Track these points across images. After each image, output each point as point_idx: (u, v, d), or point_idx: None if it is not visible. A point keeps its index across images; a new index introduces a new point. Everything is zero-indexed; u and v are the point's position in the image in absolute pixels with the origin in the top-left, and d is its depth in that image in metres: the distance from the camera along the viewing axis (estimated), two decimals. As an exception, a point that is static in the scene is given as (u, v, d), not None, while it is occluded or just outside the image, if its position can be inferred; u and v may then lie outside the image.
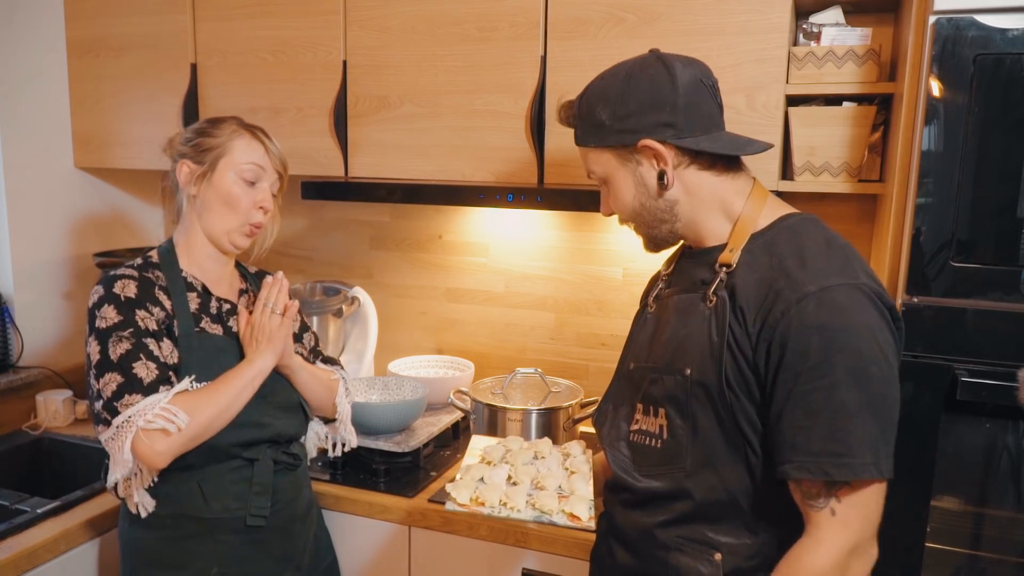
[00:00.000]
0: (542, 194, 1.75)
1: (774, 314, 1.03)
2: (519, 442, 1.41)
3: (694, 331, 1.13)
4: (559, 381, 2.02)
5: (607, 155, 1.16)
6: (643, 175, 1.15)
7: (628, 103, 1.12)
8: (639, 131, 1.12)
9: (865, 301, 1.01)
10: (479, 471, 1.30)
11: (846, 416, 0.99)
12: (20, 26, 2.15)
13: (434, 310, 2.35)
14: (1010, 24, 1.24)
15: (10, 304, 2.18)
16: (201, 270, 1.49)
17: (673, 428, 1.15)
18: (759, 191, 1.17)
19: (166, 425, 1.28)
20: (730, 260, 1.12)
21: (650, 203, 1.16)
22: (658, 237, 1.20)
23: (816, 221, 1.13)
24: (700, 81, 1.12)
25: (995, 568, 1.39)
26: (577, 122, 1.19)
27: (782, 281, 1.05)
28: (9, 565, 1.48)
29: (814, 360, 1.00)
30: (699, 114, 1.12)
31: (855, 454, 0.98)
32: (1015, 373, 1.29)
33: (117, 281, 1.39)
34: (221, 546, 1.43)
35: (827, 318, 1.00)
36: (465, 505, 1.23)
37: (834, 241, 1.08)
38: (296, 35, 1.97)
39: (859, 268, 1.05)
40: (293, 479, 1.53)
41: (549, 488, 1.26)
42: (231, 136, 1.44)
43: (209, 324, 1.45)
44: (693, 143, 1.11)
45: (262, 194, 1.45)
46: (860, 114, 1.61)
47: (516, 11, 1.77)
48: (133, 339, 1.33)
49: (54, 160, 2.26)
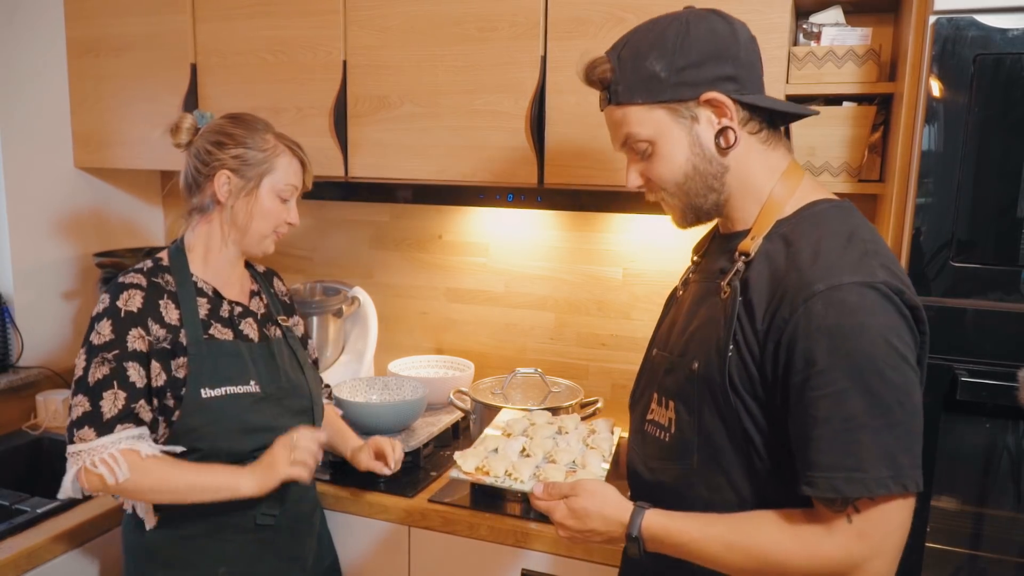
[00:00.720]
0: (542, 194, 1.75)
1: (781, 313, 0.97)
2: (545, 416, 1.39)
3: (707, 323, 1.08)
4: (559, 381, 2.02)
5: (659, 112, 1.05)
6: (699, 133, 1.05)
7: (689, 53, 1.02)
8: (701, 84, 1.03)
9: (880, 300, 0.93)
10: (494, 442, 1.27)
11: (857, 426, 0.92)
12: (20, 26, 2.15)
13: (434, 310, 2.35)
14: (1010, 24, 1.24)
15: (10, 304, 2.18)
16: (213, 274, 1.48)
17: (680, 423, 1.09)
18: (793, 170, 1.09)
19: (105, 473, 1.29)
20: (749, 249, 1.04)
21: (704, 167, 1.06)
22: (701, 208, 1.10)
23: (846, 209, 1.05)
24: (753, 39, 1.07)
25: (995, 568, 1.39)
26: (618, 76, 1.06)
27: (792, 277, 0.97)
28: (9, 565, 1.48)
29: (821, 365, 0.93)
30: (755, 72, 1.06)
31: (867, 468, 0.91)
32: (1015, 373, 1.29)
33: (123, 292, 1.37)
34: (228, 546, 1.43)
35: (835, 319, 0.93)
36: (470, 473, 1.20)
37: (857, 233, 1.00)
38: (296, 35, 1.97)
39: (879, 264, 0.96)
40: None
41: (560, 462, 1.22)
42: (274, 152, 1.43)
43: (219, 330, 1.45)
44: (755, 99, 1.04)
45: (293, 211, 1.48)
46: (860, 114, 1.61)
47: (516, 11, 1.77)
48: (114, 363, 1.33)
49: (54, 160, 2.26)
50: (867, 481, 0.92)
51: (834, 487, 0.93)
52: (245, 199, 1.42)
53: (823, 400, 0.93)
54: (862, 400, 0.92)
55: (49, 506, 1.65)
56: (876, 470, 0.92)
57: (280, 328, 1.57)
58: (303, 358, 1.58)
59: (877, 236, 1.02)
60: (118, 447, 1.30)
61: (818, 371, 0.94)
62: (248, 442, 1.41)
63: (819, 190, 1.09)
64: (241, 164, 1.41)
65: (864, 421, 0.92)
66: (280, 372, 1.49)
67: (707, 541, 1.01)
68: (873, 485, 0.92)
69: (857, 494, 0.92)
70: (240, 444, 1.40)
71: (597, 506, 1.07)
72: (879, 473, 0.92)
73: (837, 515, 0.95)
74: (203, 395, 1.37)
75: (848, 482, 0.92)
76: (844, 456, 0.92)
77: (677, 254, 2.04)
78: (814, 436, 0.94)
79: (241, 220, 1.43)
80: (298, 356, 1.56)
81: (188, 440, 1.36)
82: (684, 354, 1.10)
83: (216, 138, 1.42)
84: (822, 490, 0.93)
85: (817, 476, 0.94)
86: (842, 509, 0.94)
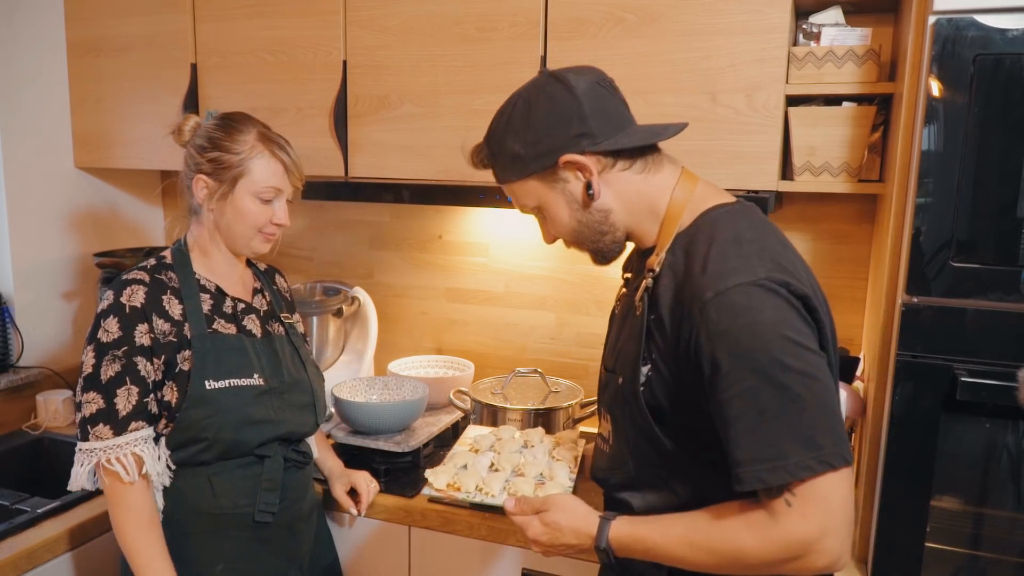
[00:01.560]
0: (542, 194, 1.75)
1: (685, 327, 1.02)
2: (511, 431, 1.43)
3: (628, 340, 1.14)
4: (559, 381, 2.02)
5: (532, 183, 1.14)
6: (572, 191, 1.13)
7: (537, 127, 1.11)
8: (556, 150, 1.10)
9: (766, 296, 0.98)
10: (463, 458, 1.32)
11: (770, 418, 0.96)
12: (20, 26, 2.15)
13: (434, 310, 2.35)
14: (1010, 24, 1.24)
15: (10, 304, 2.18)
16: (215, 273, 1.50)
17: (616, 434, 1.16)
18: (685, 182, 1.14)
19: (120, 471, 1.33)
20: (653, 264, 1.11)
21: (586, 218, 1.14)
22: (604, 250, 1.18)
23: (737, 211, 1.10)
24: (597, 84, 1.12)
25: (995, 568, 1.39)
26: (493, 161, 1.18)
27: (687, 288, 1.03)
28: (9, 565, 1.49)
29: (725, 368, 0.98)
30: (607, 115, 1.11)
31: (788, 454, 0.95)
32: (1015, 373, 1.29)
33: (127, 288, 1.39)
34: (226, 543, 1.44)
35: (728, 323, 0.98)
36: (441, 490, 1.25)
37: (743, 235, 1.05)
38: (296, 35, 1.97)
39: (761, 263, 1.01)
40: (301, 477, 1.54)
41: (529, 475, 1.27)
42: (251, 154, 1.41)
43: (222, 325, 1.46)
44: (610, 144, 1.10)
45: (280, 212, 1.46)
46: (860, 114, 1.61)
47: (516, 11, 1.77)
48: (125, 359, 1.35)
49: (54, 160, 2.26)
50: (789, 467, 0.95)
51: (760, 479, 0.97)
52: (221, 202, 1.43)
53: (734, 400, 0.98)
54: (769, 392, 0.96)
55: (49, 506, 1.65)
56: (797, 455, 0.95)
57: (283, 325, 1.58)
58: (305, 354, 1.59)
59: (768, 232, 1.07)
60: (132, 449, 1.34)
61: (724, 374, 0.98)
62: (251, 434, 1.42)
63: (714, 195, 1.14)
64: (216, 168, 1.41)
65: (776, 412, 0.96)
66: (283, 367, 1.51)
67: (670, 543, 1.05)
68: (796, 469, 0.95)
69: (782, 481, 0.96)
70: (243, 436, 1.41)
71: (568, 520, 1.12)
72: (800, 457, 0.95)
73: (775, 500, 0.98)
74: (207, 387, 1.38)
75: (772, 471, 0.96)
76: (764, 447, 0.96)
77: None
78: (732, 435, 0.99)
79: (223, 223, 1.45)
80: (300, 353, 1.57)
81: (192, 431, 1.38)
82: (613, 370, 1.17)
83: (199, 142, 1.44)
84: (750, 484, 0.97)
85: (743, 472, 0.98)
86: (779, 495, 0.97)
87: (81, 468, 1.35)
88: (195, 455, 1.39)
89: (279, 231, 1.49)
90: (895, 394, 1.36)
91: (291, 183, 1.46)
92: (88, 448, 1.34)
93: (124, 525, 1.36)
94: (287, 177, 1.45)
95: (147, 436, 1.36)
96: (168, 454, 1.39)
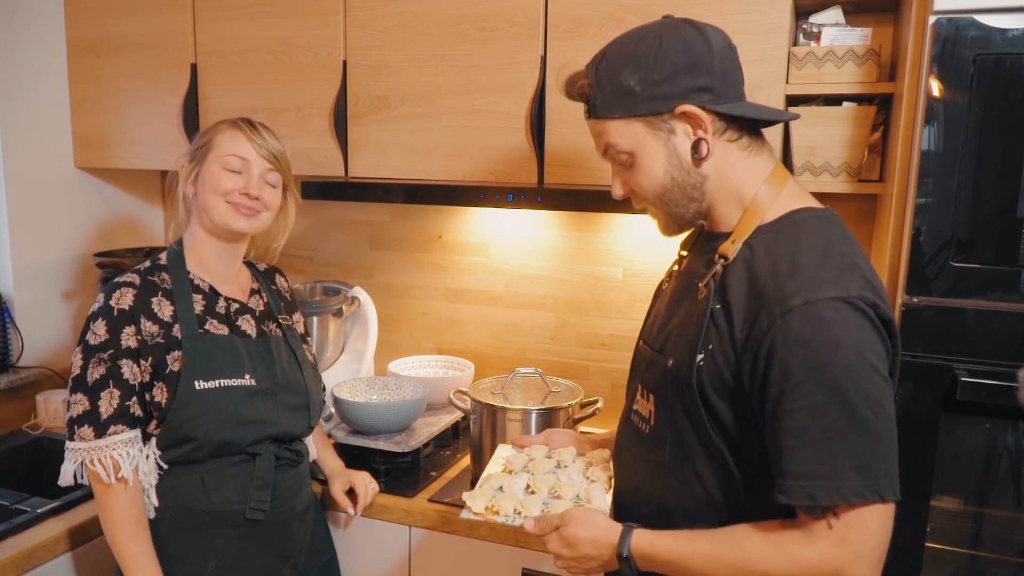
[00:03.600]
0: (542, 194, 1.75)
1: (759, 325, 0.98)
2: (543, 451, 1.41)
3: (683, 322, 1.10)
4: (559, 381, 2.01)
5: (636, 125, 1.06)
6: (675, 145, 1.06)
7: (662, 66, 1.03)
8: (675, 96, 1.04)
9: (854, 315, 0.95)
10: (499, 480, 1.30)
11: (833, 437, 0.94)
12: (20, 26, 2.15)
13: (434, 310, 2.35)
14: (1010, 24, 1.24)
15: (10, 304, 2.18)
16: (207, 270, 1.51)
17: (658, 416, 1.12)
18: (778, 175, 1.09)
19: (101, 472, 1.36)
20: (728, 252, 1.06)
21: (682, 177, 1.07)
22: (683, 217, 1.11)
23: (827, 219, 1.06)
24: (728, 46, 1.08)
25: (995, 568, 1.39)
26: (596, 91, 1.08)
27: (770, 289, 0.99)
28: (9, 565, 1.49)
29: (798, 378, 0.95)
30: (731, 80, 1.07)
31: (843, 477, 0.93)
32: (1015, 373, 1.29)
33: (116, 291, 1.42)
34: (219, 540, 1.44)
35: (811, 333, 0.95)
36: (480, 514, 1.22)
37: (834, 247, 1.01)
38: (296, 35, 1.97)
39: (853, 279, 0.98)
40: (294, 475, 1.54)
41: (566, 497, 1.25)
42: (216, 131, 1.48)
43: (215, 325, 1.47)
44: (731, 108, 1.05)
45: (246, 181, 1.45)
46: (860, 114, 1.61)
47: (516, 11, 1.77)
48: (110, 362, 1.38)
49: (54, 160, 2.26)
50: (842, 489, 0.93)
51: (810, 495, 0.94)
52: (197, 180, 1.48)
53: (799, 412, 0.95)
54: (837, 412, 0.94)
55: (49, 506, 1.64)
56: (851, 479, 0.93)
57: (280, 327, 1.58)
58: (302, 356, 1.59)
59: (855, 247, 1.04)
60: (111, 452, 1.36)
61: (794, 383, 0.95)
62: (242, 434, 1.43)
63: (802, 197, 1.10)
64: (193, 151, 1.50)
65: (840, 432, 0.94)
66: (276, 368, 1.51)
67: (694, 555, 1.03)
68: (848, 493, 0.93)
69: (832, 502, 0.94)
70: (232, 436, 1.42)
71: (587, 531, 1.10)
72: (854, 482, 0.93)
73: (817, 521, 0.96)
74: (196, 387, 1.39)
75: (823, 490, 0.94)
76: (820, 465, 0.94)
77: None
78: (789, 446, 0.96)
79: (201, 199, 1.47)
80: (296, 354, 1.57)
81: (181, 431, 1.39)
82: (662, 350, 1.13)
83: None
84: (797, 498, 0.95)
85: (792, 484, 0.96)
86: (821, 516, 0.96)
87: (69, 465, 1.39)
88: (185, 454, 1.40)
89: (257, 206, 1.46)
90: (895, 394, 1.36)
91: (258, 154, 1.46)
92: (73, 448, 1.38)
93: (110, 526, 1.39)
94: (250, 146, 1.45)
95: (127, 439, 1.38)
96: (158, 454, 1.40)
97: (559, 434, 1.47)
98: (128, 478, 1.37)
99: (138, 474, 1.39)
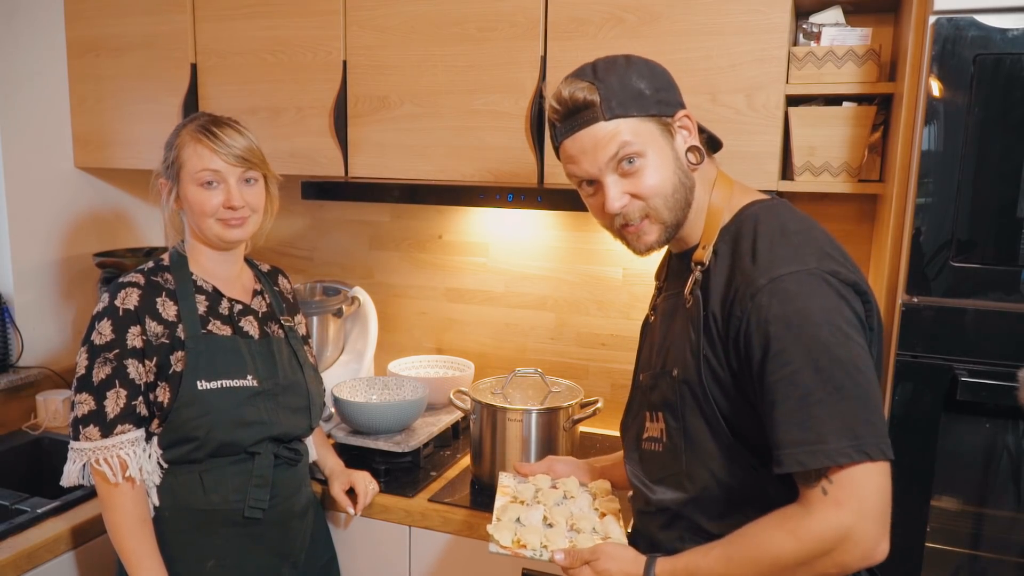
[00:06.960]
0: (542, 194, 1.75)
1: (735, 313, 1.04)
2: (547, 480, 1.43)
3: (678, 332, 1.15)
4: (559, 381, 2.01)
5: (650, 124, 1.10)
6: (679, 148, 1.12)
7: (659, 78, 1.12)
8: (672, 104, 1.12)
9: (817, 284, 1.00)
10: (515, 511, 1.32)
11: (813, 403, 0.97)
12: (20, 26, 2.15)
13: (434, 310, 2.35)
14: (1010, 24, 1.24)
15: (10, 304, 2.18)
16: (210, 273, 1.51)
17: (670, 431, 1.16)
18: (723, 180, 1.17)
19: (107, 471, 1.36)
20: (703, 258, 1.12)
21: (684, 181, 1.12)
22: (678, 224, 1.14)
23: (777, 206, 1.12)
24: None
25: (995, 568, 1.39)
26: (609, 93, 1.09)
27: (738, 278, 1.05)
28: (9, 565, 1.49)
29: (773, 351, 0.99)
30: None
31: (828, 440, 0.96)
32: (1015, 373, 1.29)
33: (121, 291, 1.42)
34: (218, 539, 1.45)
35: (780, 308, 1.00)
36: (508, 547, 1.25)
37: (788, 227, 1.07)
38: (296, 35, 1.97)
39: (811, 252, 1.03)
40: (293, 475, 1.54)
41: (585, 531, 1.28)
42: (183, 146, 1.44)
43: (217, 326, 1.47)
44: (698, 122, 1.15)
45: (224, 194, 1.43)
46: (860, 114, 1.61)
47: (516, 11, 1.77)
48: (116, 362, 1.38)
49: (54, 160, 2.26)
50: (829, 452, 0.96)
51: (798, 461, 0.98)
52: (180, 198, 1.46)
53: (780, 383, 0.99)
54: (814, 377, 0.98)
55: (49, 506, 1.65)
56: (836, 441, 0.96)
57: (282, 328, 1.58)
58: (303, 357, 1.59)
59: (812, 224, 1.09)
60: (118, 451, 1.36)
61: (772, 355, 1.00)
62: (243, 435, 1.43)
63: (748, 193, 1.17)
64: (166, 166, 1.48)
65: (818, 398, 0.97)
66: (278, 369, 1.51)
67: (711, 563, 1.06)
68: (835, 455, 0.96)
69: (820, 464, 0.96)
70: (234, 436, 1.42)
71: (618, 566, 1.14)
72: (839, 444, 0.96)
73: (812, 489, 0.98)
74: (199, 387, 1.40)
75: (810, 455, 0.97)
76: (805, 432, 0.98)
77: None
78: (775, 418, 1.00)
79: (190, 219, 1.48)
80: (298, 356, 1.57)
81: (183, 431, 1.39)
82: (664, 365, 1.17)
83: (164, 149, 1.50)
84: (788, 465, 0.98)
85: (782, 453, 0.99)
86: (816, 482, 0.98)
87: (73, 466, 1.38)
88: (187, 454, 1.41)
89: (244, 213, 1.45)
90: (895, 394, 1.36)
91: (227, 163, 1.42)
92: (79, 448, 1.37)
93: (115, 525, 1.38)
94: (217, 158, 1.42)
95: (134, 439, 1.38)
96: (160, 453, 1.41)
97: (561, 463, 1.48)
98: (136, 477, 1.37)
99: (142, 474, 1.39)
